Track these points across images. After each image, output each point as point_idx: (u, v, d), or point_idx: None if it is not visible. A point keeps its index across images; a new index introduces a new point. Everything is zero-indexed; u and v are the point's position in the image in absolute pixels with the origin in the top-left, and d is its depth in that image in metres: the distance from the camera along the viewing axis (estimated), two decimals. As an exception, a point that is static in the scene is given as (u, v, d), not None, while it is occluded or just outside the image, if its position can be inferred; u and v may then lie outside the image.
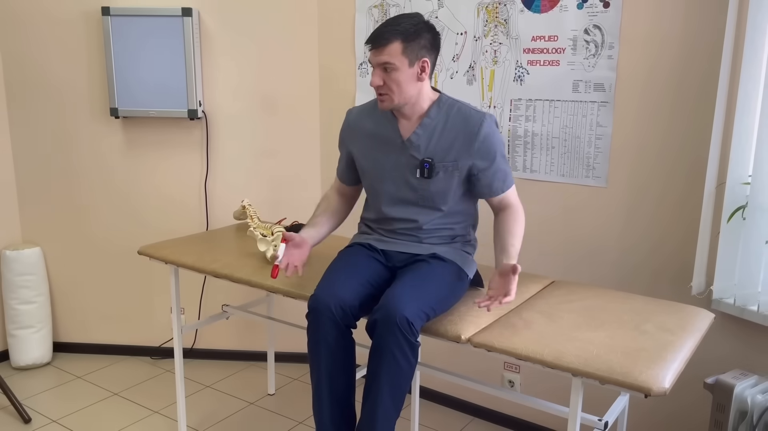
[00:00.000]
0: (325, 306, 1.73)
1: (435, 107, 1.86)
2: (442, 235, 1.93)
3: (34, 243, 3.20)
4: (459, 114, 1.84)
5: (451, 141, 1.83)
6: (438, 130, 1.84)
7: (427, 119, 1.85)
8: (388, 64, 1.75)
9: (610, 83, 2.23)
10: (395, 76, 1.76)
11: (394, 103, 1.81)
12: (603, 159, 2.29)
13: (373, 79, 1.78)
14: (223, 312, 2.69)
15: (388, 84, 1.77)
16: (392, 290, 1.71)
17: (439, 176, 1.85)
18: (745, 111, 1.94)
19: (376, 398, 1.67)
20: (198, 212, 3.10)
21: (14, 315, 3.08)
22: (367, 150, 1.96)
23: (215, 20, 2.92)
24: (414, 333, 1.64)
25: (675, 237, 2.19)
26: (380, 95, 1.81)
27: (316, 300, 1.75)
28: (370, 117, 1.96)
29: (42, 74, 3.03)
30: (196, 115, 2.89)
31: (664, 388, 1.41)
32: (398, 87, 1.77)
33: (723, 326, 2.11)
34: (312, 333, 1.77)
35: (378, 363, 1.66)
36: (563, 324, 1.73)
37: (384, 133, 1.92)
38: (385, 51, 1.74)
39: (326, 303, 1.73)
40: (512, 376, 2.60)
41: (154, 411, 2.77)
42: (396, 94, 1.79)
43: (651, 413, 2.33)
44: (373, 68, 1.79)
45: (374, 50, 1.76)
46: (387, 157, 1.91)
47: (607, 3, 2.20)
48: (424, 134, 1.85)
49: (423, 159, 1.85)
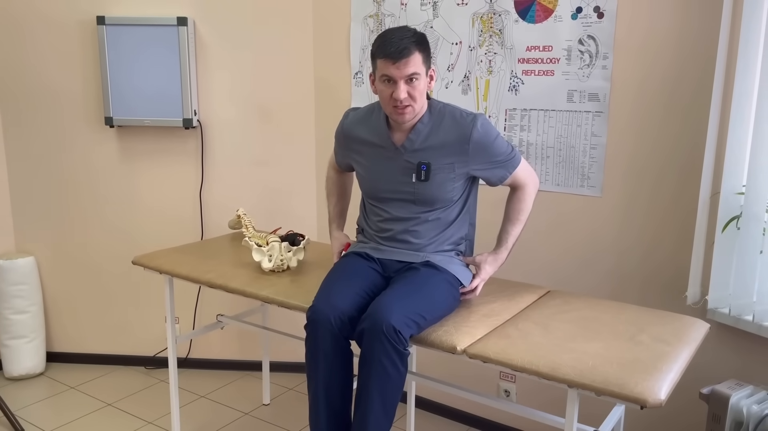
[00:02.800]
0: (324, 318, 1.72)
1: (427, 113, 1.88)
2: (438, 242, 1.94)
3: (27, 253, 3.18)
4: (449, 117, 1.87)
5: (444, 143, 1.85)
6: (431, 134, 1.86)
7: (420, 125, 1.87)
8: (415, 74, 1.75)
9: (604, 93, 2.24)
10: (418, 85, 1.77)
11: (414, 114, 1.81)
12: (598, 168, 2.29)
13: (399, 93, 1.74)
14: (218, 322, 2.68)
15: (412, 95, 1.77)
16: (380, 298, 1.71)
17: (436, 179, 1.86)
18: (739, 121, 1.95)
19: (367, 407, 1.67)
20: (193, 221, 3.10)
21: (7, 325, 3.06)
22: (362, 156, 1.97)
23: (211, 29, 2.92)
24: (402, 342, 1.63)
25: (670, 246, 2.19)
26: (404, 107, 1.78)
27: (315, 311, 1.75)
28: (365, 124, 1.97)
29: (37, 83, 3.02)
30: (192, 124, 2.89)
31: (660, 400, 1.40)
32: (420, 96, 1.79)
33: (718, 336, 2.11)
34: (311, 345, 1.76)
35: (367, 373, 1.66)
36: (559, 334, 1.72)
37: (378, 141, 1.93)
38: (411, 62, 1.73)
39: (325, 315, 1.72)
40: (508, 386, 2.59)
41: (148, 422, 2.75)
42: (417, 105, 1.80)
43: (647, 424, 2.32)
44: (395, 82, 1.75)
45: (398, 63, 1.72)
46: (382, 163, 1.92)
47: (601, 13, 2.21)
48: (417, 139, 1.87)
49: (419, 162, 1.86)
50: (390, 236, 1.95)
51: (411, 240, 1.93)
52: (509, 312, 1.89)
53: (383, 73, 1.77)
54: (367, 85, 2.79)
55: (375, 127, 1.94)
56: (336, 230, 2.20)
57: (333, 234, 2.19)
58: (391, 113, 1.82)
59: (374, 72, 1.83)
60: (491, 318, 1.83)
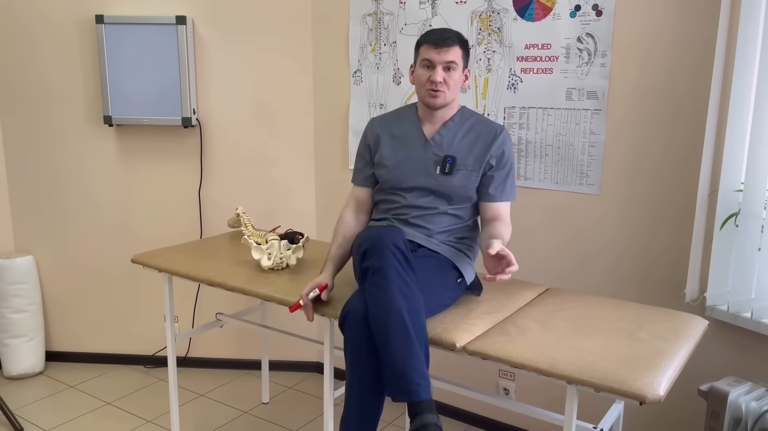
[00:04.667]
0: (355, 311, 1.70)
1: (459, 114, 1.99)
2: (449, 234, 1.96)
3: (26, 252, 3.18)
4: (480, 122, 1.99)
5: (472, 144, 1.94)
6: (460, 133, 1.96)
7: (451, 123, 1.98)
8: (453, 63, 1.88)
9: (603, 91, 2.24)
10: (454, 75, 1.90)
11: (446, 100, 1.92)
12: (596, 166, 2.29)
13: (436, 76, 1.87)
14: (217, 321, 2.68)
15: (446, 81, 1.89)
16: None
17: (460, 174, 1.93)
18: (737, 118, 1.95)
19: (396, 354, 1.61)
20: (192, 220, 3.10)
21: (6, 324, 3.06)
22: (390, 149, 2.01)
23: (209, 28, 2.92)
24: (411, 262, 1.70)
25: (668, 244, 2.19)
26: (437, 91, 1.90)
27: (347, 306, 1.73)
28: (395, 122, 2.05)
29: (35, 82, 3.02)
30: (191, 123, 2.89)
31: (659, 395, 1.41)
32: (454, 85, 1.91)
33: (717, 333, 2.11)
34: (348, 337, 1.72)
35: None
36: (558, 331, 1.73)
37: (408, 134, 2.00)
38: (452, 51, 1.88)
39: (356, 308, 1.71)
40: (507, 384, 2.59)
41: (147, 421, 2.75)
42: (450, 92, 1.91)
43: (646, 420, 2.33)
44: (434, 66, 1.88)
45: (440, 49, 1.87)
46: (410, 153, 1.98)
47: (599, 12, 2.21)
48: (447, 135, 1.96)
49: (446, 155, 1.94)
50: (405, 220, 1.98)
51: (425, 226, 1.95)
52: (508, 309, 1.90)
53: (425, 57, 1.90)
54: (366, 84, 2.79)
55: (406, 121, 2.02)
56: (326, 270, 1.96)
57: (322, 271, 1.97)
58: (425, 96, 1.93)
59: (415, 61, 1.95)
60: (490, 316, 1.84)
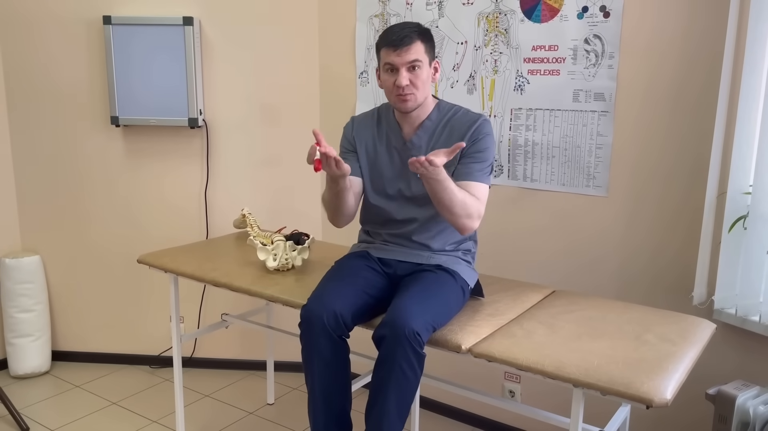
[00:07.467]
0: (317, 317, 1.71)
1: (435, 111, 1.91)
2: (442, 240, 1.94)
3: (33, 251, 3.19)
4: (457, 115, 1.90)
5: (448, 140, 1.86)
6: (438, 130, 1.89)
7: (428, 121, 1.90)
8: (416, 61, 1.78)
9: (610, 93, 2.23)
10: (420, 74, 1.80)
11: (417, 102, 1.84)
12: (603, 168, 2.28)
13: (401, 80, 1.78)
14: (223, 321, 2.68)
15: (414, 83, 1.80)
16: (399, 302, 1.70)
17: None
18: (746, 120, 1.94)
19: (382, 409, 1.66)
20: (198, 221, 3.10)
21: (13, 324, 3.07)
22: (369, 154, 1.98)
23: (216, 29, 2.92)
24: (421, 344, 1.64)
25: (675, 246, 2.18)
26: (406, 95, 1.81)
27: (307, 310, 1.74)
28: (372, 125, 1.99)
29: (43, 82, 3.03)
30: (197, 124, 2.89)
31: (666, 399, 1.40)
32: (423, 85, 1.82)
33: (724, 336, 2.10)
34: (305, 344, 1.75)
35: (386, 376, 1.65)
36: (564, 334, 1.72)
37: (386, 138, 1.95)
38: (412, 50, 1.77)
39: (318, 314, 1.71)
40: (513, 386, 2.58)
41: (152, 421, 2.75)
42: (419, 93, 1.83)
43: (652, 423, 2.31)
44: (397, 69, 1.78)
45: (399, 50, 1.77)
46: (390, 158, 1.94)
47: (607, 13, 2.20)
48: (425, 135, 1.90)
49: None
50: (396, 233, 1.95)
51: (416, 239, 1.93)
52: (514, 311, 1.89)
53: (386, 62, 1.81)
54: (372, 85, 2.79)
55: (384, 124, 1.96)
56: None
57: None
58: (395, 102, 1.86)
59: (379, 65, 1.86)
60: (496, 318, 1.83)
